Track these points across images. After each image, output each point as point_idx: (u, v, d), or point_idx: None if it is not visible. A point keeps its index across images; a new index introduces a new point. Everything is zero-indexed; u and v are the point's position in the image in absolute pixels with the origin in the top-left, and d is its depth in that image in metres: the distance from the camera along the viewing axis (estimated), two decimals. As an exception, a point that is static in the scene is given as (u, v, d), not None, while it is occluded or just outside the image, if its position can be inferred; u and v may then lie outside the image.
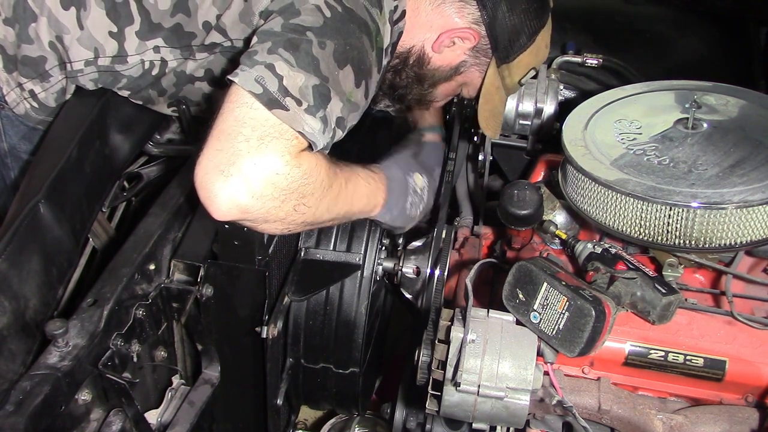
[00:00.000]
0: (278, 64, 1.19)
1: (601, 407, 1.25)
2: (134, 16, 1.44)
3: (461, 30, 1.53)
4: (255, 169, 1.14)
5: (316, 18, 1.26)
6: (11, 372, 1.19)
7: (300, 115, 1.18)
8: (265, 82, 1.16)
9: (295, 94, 1.18)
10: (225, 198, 1.13)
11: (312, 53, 1.22)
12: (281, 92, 1.17)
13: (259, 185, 1.15)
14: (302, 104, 1.18)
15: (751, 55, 2.17)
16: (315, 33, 1.24)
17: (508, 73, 1.60)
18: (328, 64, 1.23)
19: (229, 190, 1.13)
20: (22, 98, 1.52)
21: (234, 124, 1.15)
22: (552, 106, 1.82)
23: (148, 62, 1.48)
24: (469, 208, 1.85)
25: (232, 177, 1.13)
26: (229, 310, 1.46)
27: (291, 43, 1.21)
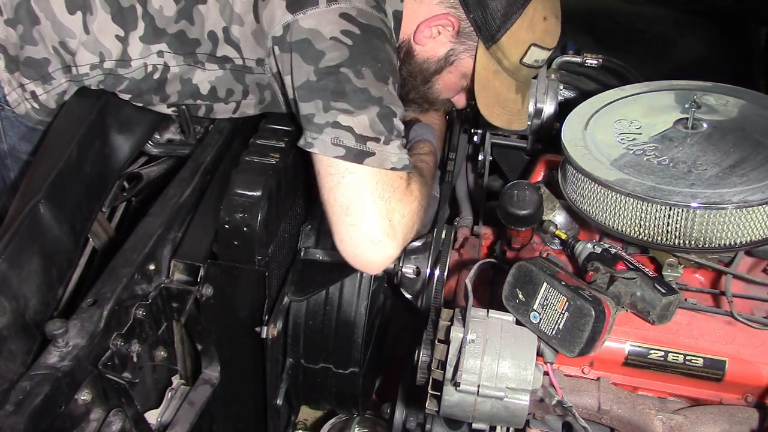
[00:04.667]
0: (340, 117, 1.29)
1: (601, 407, 1.25)
2: (139, 21, 1.44)
3: (438, 17, 1.49)
4: (392, 224, 1.30)
5: (341, 52, 1.31)
6: (11, 372, 1.19)
7: (384, 151, 1.30)
8: (341, 141, 1.28)
9: (371, 134, 1.30)
10: (383, 261, 1.33)
11: (358, 87, 1.30)
12: (360, 141, 1.28)
13: (401, 236, 1.32)
14: (380, 139, 1.30)
15: (751, 55, 2.17)
16: (348, 66, 1.31)
17: (503, 55, 1.52)
18: (376, 87, 1.32)
19: (382, 252, 1.31)
20: (23, 99, 1.52)
21: (351, 196, 1.30)
22: (552, 106, 1.82)
23: (150, 66, 1.48)
24: (469, 208, 1.85)
25: (381, 242, 1.30)
26: (229, 310, 1.46)
27: (336, 92, 1.30)
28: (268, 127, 1.55)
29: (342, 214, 1.30)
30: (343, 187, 1.29)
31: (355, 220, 1.29)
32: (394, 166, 1.31)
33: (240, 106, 1.56)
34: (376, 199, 1.29)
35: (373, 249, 1.30)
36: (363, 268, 1.35)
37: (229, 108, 1.57)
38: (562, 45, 2.02)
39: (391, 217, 1.30)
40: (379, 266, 1.34)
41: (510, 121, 1.65)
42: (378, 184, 1.30)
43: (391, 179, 1.31)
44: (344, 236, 1.31)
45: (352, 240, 1.30)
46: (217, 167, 1.60)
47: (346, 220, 1.30)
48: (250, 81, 1.49)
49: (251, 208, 1.38)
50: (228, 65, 1.47)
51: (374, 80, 1.32)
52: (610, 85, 1.86)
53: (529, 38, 1.51)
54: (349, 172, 1.29)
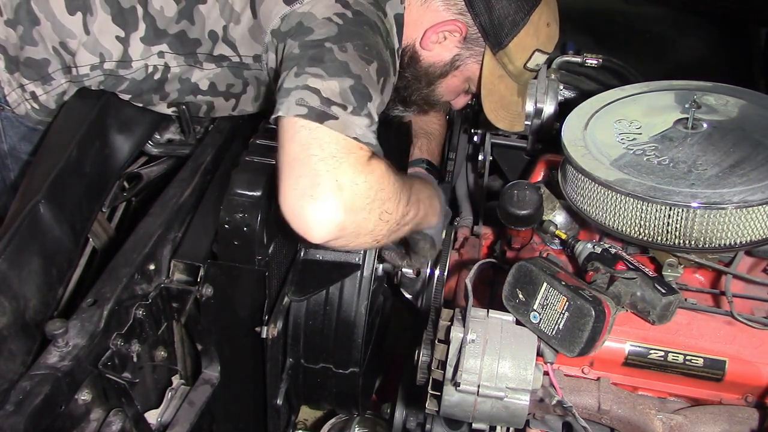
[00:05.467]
0: (310, 80, 1.22)
1: (601, 407, 1.25)
2: (140, 22, 1.44)
3: (446, 23, 1.51)
4: (340, 185, 1.17)
5: (330, 28, 1.29)
6: (11, 372, 1.19)
7: (349, 119, 1.21)
8: (305, 101, 1.20)
9: (338, 100, 1.21)
10: (322, 220, 1.17)
11: (337, 59, 1.25)
12: (325, 103, 1.20)
13: (348, 199, 1.18)
14: (347, 108, 1.22)
15: (751, 55, 2.17)
16: (333, 41, 1.27)
17: (508, 60, 1.56)
18: (356, 64, 1.26)
19: (323, 212, 1.16)
20: (23, 99, 1.52)
21: (301, 149, 1.19)
22: (552, 106, 1.82)
23: (151, 66, 1.48)
24: (469, 208, 1.85)
25: (321, 198, 1.16)
26: (229, 310, 1.46)
27: (314, 58, 1.25)
28: (268, 127, 1.55)
29: (288, 167, 1.19)
30: (295, 142, 1.19)
31: (299, 174, 1.18)
32: (357, 137, 1.21)
33: (239, 102, 1.56)
34: (326, 156, 1.18)
35: (313, 206, 1.16)
36: (303, 229, 1.19)
37: (229, 105, 1.57)
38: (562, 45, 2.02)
39: (339, 178, 1.17)
40: (320, 229, 1.18)
41: (512, 124, 1.69)
42: (332, 143, 1.19)
43: (348, 144, 1.20)
44: (286, 190, 1.19)
45: (293, 194, 1.18)
46: (217, 167, 1.60)
47: (291, 173, 1.19)
48: (248, 75, 1.49)
49: (251, 208, 1.37)
50: (225, 63, 1.47)
51: (357, 58, 1.27)
52: (610, 85, 1.86)
53: (533, 44, 1.55)
54: (305, 128, 1.19)
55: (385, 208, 1.25)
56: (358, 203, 1.19)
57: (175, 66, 1.48)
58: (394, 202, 1.27)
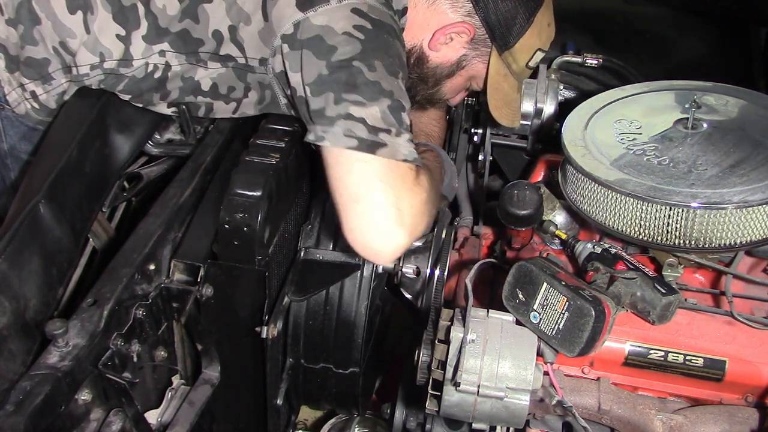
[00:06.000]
0: (352, 109, 1.28)
1: (601, 407, 1.25)
2: (141, 20, 1.44)
3: (454, 25, 1.53)
4: (402, 214, 1.27)
5: (354, 46, 1.31)
6: (11, 372, 1.19)
7: (396, 142, 1.29)
8: (354, 132, 1.26)
9: (382, 126, 1.29)
10: (392, 249, 1.29)
11: (370, 80, 1.30)
12: (372, 133, 1.27)
13: (411, 226, 1.29)
14: (391, 131, 1.29)
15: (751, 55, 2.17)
16: (360, 59, 1.30)
17: (513, 59, 1.59)
18: (387, 81, 1.31)
19: (392, 241, 1.28)
20: (23, 99, 1.52)
21: (360, 184, 1.28)
22: (552, 106, 1.82)
23: (152, 65, 1.48)
24: (469, 208, 1.85)
25: (390, 231, 1.27)
26: (229, 310, 1.46)
27: (348, 84, 1.29)
28: (268, 127, 1.55)
29: (351, 202, 1.28)
30: (353, 176, 1.28)
31: (364, 209, 1.27)
32: (405, 158, 1.30)
33: (240, 106, 1.56)
34: (386, 188, 1.27)
35: (382, 237, 1.28)
36: (372, 257, 1.33)
37: (230, 108, 1.56)
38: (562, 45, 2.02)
39: (401, 206, 1.28)
40: (388, 256, 1.31)
41: (513, 120, 1.73)
42: (388, 173, 1.28)
43: (401, 170, 1.30)
44: (353, 225, 1.29)
45: (361, 229, 1.28)
46: (217, 167, 1.60)
47: (355, 208, 1.28)
48: (251, 79, 1.49)
49: (251, 208, 1.37)
50: (231, 63, 1.47)
51: (386, 74, 1.32)
52: (610, 85, 1.86)
53: (536, 44, 1.58)
54: (360, 161, 1.27)
55: (431, 212, 1.41)
56: (416, 224, 1.31)
57: (176, 65, 1.48)
58: (435, 203, 1.43)
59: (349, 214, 1.29)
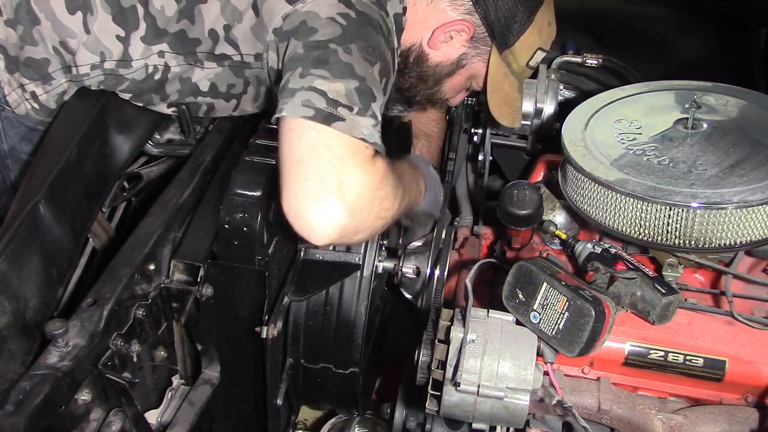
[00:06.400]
0: (316, 81, 1.23)
1: (601, 407, 1.25)
2: (140, 22, 1.44)
3: (454, 23, 1.52)
4: (345, 188, 1.19)
5: (334, 29, 1.29)
6: (11, 372, 1.19)
7: (355, 120, 1.22)
8: (312, 102, 1.21)
9: (344, 102, 1.22)
10: (325, 223, 1.19)
11: (342, 60, 1.26)
12: (331, 105, 1.21)
13: (351, 201, 1.19)
14: (353, 109, 1.23)
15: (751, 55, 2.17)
16: (337, 42, 1.28)
17: (513, 58, 1.58)
18: (361, 65, 1.27)
19: (327, 215, 1.18)
20: (23, 99, 1.52)
21: (309, 151, 1.20)
22: (552, 106, 1.82)
23: (151, 66, 1.48)
24: (469, 208, 1.85)
25: (327, 201, 1.18)
26: (229, 310, 1.46)
27: (319, 60, 1.26)
28: (268, 127, 1.55)
29: (293, 168, 1.20)
30: (302, 143, 1.20)
31: (303, 174, 1.19)
32: (363, 137, 1.22)
33: (240, 102, 1.56)
34: (332, 158, 1.19)
35: (317, 208, 1.18)
36: (305, 231, 1.21)
37: (230, 105, 1.57)
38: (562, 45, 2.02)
39: (343, 179, 1.19)
40: (322, 231, 1.19)
41: (513, 120, 1.71)
42: (338, 146, 1.20)
43: (354, 145, 1.22)
44: (290, 192, 1.20)
45: (297, 196, 1.19)
46: (217, 167, 1.60)
47: (296, 175, 1.20)
48: (249, 74, 1.49)
49: (251, 208, 1.37)
50: (226, 62, 1.47)
51: (360, 59, 1.28)
52: (610, 85, 1.87)
53: (537, 42, 1.57)
54: (313, 129, 1.20)
55: (384, 206, 1.28)
56: (359, 204, 1.21)
57: (175, 65, 1.48)
58: (391, 199, 1.30)
59: (288, 181, 1.21)
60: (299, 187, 1.19)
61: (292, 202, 1.20)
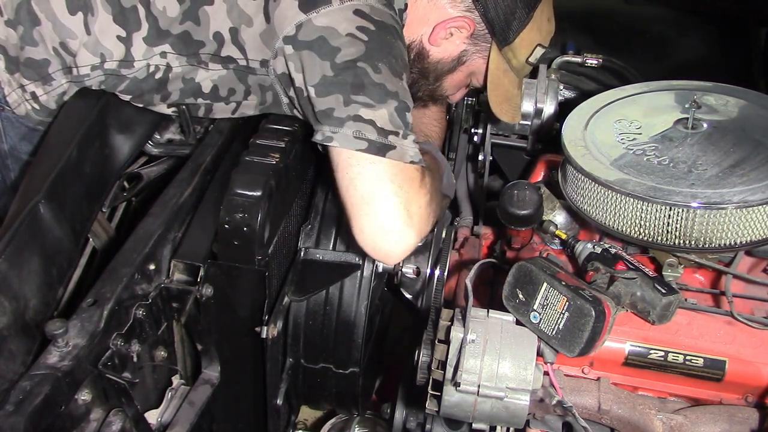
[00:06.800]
0: (361, 111, 1.30)
1: (601, 407, 1.25)
2: (142, 22, 1.44)
3: (454, 19, 1.53)
4: (411, 215, 1.31)
5: (357, 47, 1.33)
6: (11, 372, 1.19)
7: (403, 144, 1.32)
8: (363, 134, 1.29)
9: (391, 128, 1.31)
10: (402, 251, 1.34)
11: (376, 82, 1.32)
12: (382, 135, 1.31)
13: (419, 226, 1.33)
14: (399, 133, 1.32)
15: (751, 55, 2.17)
16: (364, 60, 1.32)
17: (513, 55, 1.58)
18: (392, 82, 1.34)
19: (403, 244, 1.32)
20: (23, 99, 1.52)
21: (372, 184, 1.31)
22: (552, 106, 1.82)
23: (153, 66, 1.48)
24: (469, 208, 1.85)
25: (398, 232, 1.31)
26: (229, 310, 1.46)
27: (356, 86, 1.31)
28: (268, 127, 1.55)
29: (361, 204, 1.31)
30: (363, 178, 1.30)
31: (374, 210, 1.30)
32: (412, 160, 1.33)
33: (240, 107, 1.56)
34: (396, 189, 1.30)
35: (392, 238, 1.31)
36: (382, 258, 1.37)
37: (229, 108, 1.56)
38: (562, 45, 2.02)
39: (410, 208, 1.31)
40: (398, 256, 1.35)
41: (514, 116, 1.72)
42: (397, 175, 1.31)
43: (409, 172, 1.33)
44: (363, 226, 1.31)
45: (372, 230, 1.31)
46: (217, 167, 1.60)
47: (365, 209, 1.31)
48: (252, 82, 1.49)
49: (251, 208, 1.38)
50: (231, 65, 1.47)
51: (390, 75, 1.34)
52: (610, 85, 1.86)
53: (536, 39, 1.57)
54: (371, 163, 1.30)
55: (436, 213, 1.44)
56: (423, 224, 1.36)
57: (177, 66, 1.48)
58: (437, 202, 1.45)
59: (359, 215, 1.31)
60: (371, 222, 1.31)
61: (368, 238, 1.32)
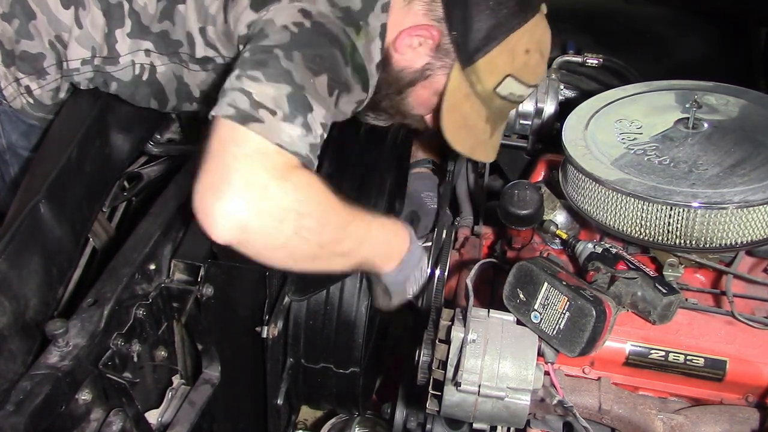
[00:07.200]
0: (246, 83, 1.18)
1: (602, 407, 1.25)
2: (126, 18, 1.43)
3: (421, 27, 1.40)
4: (248, 185, 1.12)
5: (283, 35, 1.24)
6: (11, 372, 1.19)
7: (276, 125, 1.16)
8: (236, 103, 1.16)
9: (268, 105, 1.16)
10: (223, 215, 1.11)
11: (281, 66, 1.20)
12: (253, 107, 1.15)
13: (255, 200, 1.12)
14: (277, 114, 1.16)
15: (751, 55, 2.17)
16: (282, 48, 1.22)
17: (477, 79, 1.43)
18: (302, 73, 1.21)
19: (225, 206, 1.11)
20: (18, 93, 1.52)
21: (219, 146, 1.14)
22: (552, 105, 1.82)
23: (138, 65, 1.46)
24: (470, 208, 1.85)
25: (226, 193, 1.11)
26: (229, 310, 1.46)
27: (257, 62, 1.20)
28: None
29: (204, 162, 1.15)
30: (215, 139, 1.15)
31: (210, 167, 1.14)
32: (280, 143, 1.15)
33: None
34: (239, 154, 1.13)
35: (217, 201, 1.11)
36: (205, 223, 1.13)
37: None
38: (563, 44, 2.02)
39: (249, 177, 1.12)
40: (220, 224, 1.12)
41: (474, 149, 1.55)
42: (250, 143, 1.14)
43: (267, 148, 1.15)
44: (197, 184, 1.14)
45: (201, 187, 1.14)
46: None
47: (203, 167, 1.14)
48: None
49: (252, 208, 1.37)
50: (210, 65, 1.45)
51: (303, 67, 1.21)
52: (610, 84, 1.86)
53: (506, 68, 1.42)
54: (228, 127, 1.15)
55: (304, 224, 1.18)
56: (266, 208, 1.14)
57: (161, 65, 1.46)
58: (316, 220, 1.20)
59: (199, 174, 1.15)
60: (205, 178, 1.13)
61: (195, 194, 1.14)
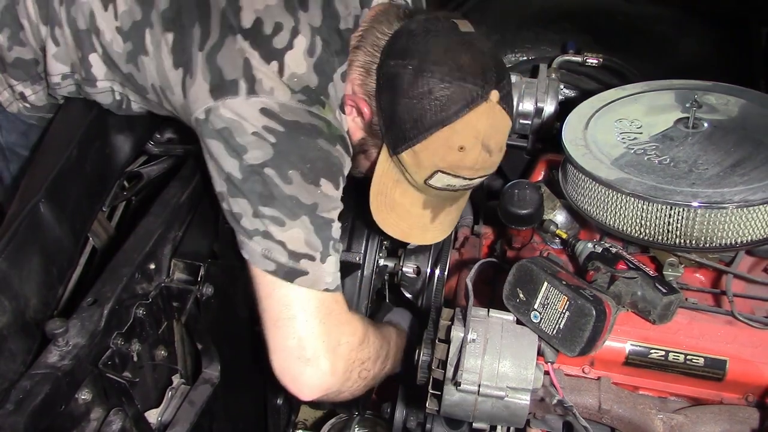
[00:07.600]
0: (271, 228, 1.20)
1: (602, 407, 1.25)
2: (96, 46, 1.37)
3: (356, 98, 1.33)
4: (325, 349, 1.22)
5: (265, 150, 1.20)
6: (11, 371, 1.19)
7: (319, 270, 1.22)
8: (272, 255, 1.20)
9: (304, 251, 1.21)
10: (311, 383, 1.23)
11: (286, 194, 1.20)
12: (293, 258, 1.21)
13: (333, 363, 1.23)
14: (316, 258, 1.22)
15: (751, 55, 2.17)
16: (272, 166, 1.20)
17: (405, 168, 1.34)
18: (306, 192, 1.21)
19: (312, 376, 1.22)
20: (14, 98, 1.52)
21: (281, 310, 1.22)
22: (552, 105, 1.82)
23: (118, 93, 1.42)
24: (469, 208, 1.85)
25: (310, 362, 1.22)
26: (229, 309, 1.47)
27: (264, 196, 1.20)
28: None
29: (273, 326, 1.23)
30: (273, 300, 1.22)
31: (284, 335, 1.22)
32: (327, 287, 1.24)
33: None
34: (309, 317, 1.22)
35: (300, 368, 1.22)
36: (293, 388, 1.24)
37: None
38: (563, 44, 2.02)
39: (326, 339, 1.22)
40: (308, 390, 1.24)
41: (408, 234, 1.46)
42: (311, 302, 1.23)
43: (326, 300, 1.24)
44: (276, 350, 1.24)
45: (281, 355, 1.23)
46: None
47: (277, 334, 1.23)
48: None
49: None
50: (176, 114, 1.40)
51: (304, 184, 1.20)
52: (610, 84, 1.87)
53: (434, 164, 1.32)
54: (279, 286, 1.22)
55: (365, 367, 1.32)
56: (340, 365, 1.25)
57: (134, 102, 1.43)
58: (372, 361, 1.34)
59: (272, 339, 1.24)
60: (282, 346, 1.22)
61: (279, 362, 1.24)
